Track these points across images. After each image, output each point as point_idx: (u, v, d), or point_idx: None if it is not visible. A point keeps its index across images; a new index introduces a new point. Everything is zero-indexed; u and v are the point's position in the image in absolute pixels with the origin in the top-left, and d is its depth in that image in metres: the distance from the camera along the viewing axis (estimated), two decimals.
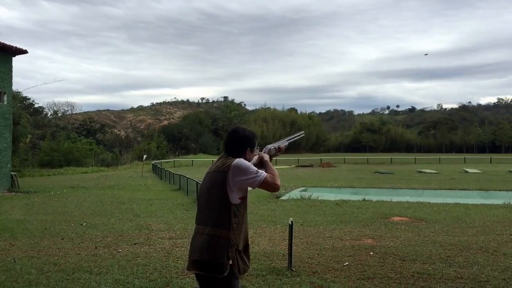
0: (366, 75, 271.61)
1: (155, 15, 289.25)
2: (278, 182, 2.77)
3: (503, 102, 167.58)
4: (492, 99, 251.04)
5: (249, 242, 2.88)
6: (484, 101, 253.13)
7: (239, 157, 2.76)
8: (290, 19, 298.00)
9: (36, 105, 61.64)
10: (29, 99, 55.26)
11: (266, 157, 2.97)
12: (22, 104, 49.39)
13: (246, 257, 2.77)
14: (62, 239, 7.98)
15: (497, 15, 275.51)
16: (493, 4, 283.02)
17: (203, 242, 2.68)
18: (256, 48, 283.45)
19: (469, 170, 31.94)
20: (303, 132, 3.76)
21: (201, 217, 2.77)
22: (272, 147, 3.16)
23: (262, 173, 2.70)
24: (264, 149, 3.12)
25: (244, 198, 2.73)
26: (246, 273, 2.90)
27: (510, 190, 17.43)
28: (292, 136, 3.45)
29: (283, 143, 3.26)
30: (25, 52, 18.89)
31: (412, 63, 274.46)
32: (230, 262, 2.60)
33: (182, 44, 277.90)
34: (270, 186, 2.71)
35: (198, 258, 2.67)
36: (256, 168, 2.71)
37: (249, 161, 2.81)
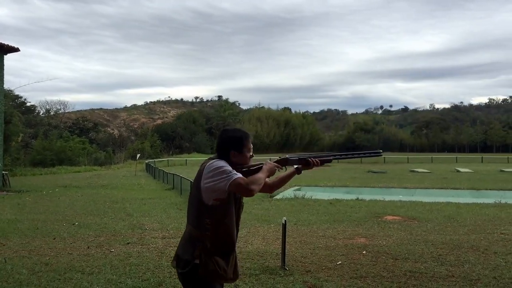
0: (359, 75, 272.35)
1: (147, 13, 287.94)
2: (253, 187, 2.51)
3: (494, 102, 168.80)
4: (484, 99, 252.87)
5: (243, 242, 2.84)
6: (475, 101, 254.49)
7: (224, 159, 2.67)
8: (283, 19, 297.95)
9: (28, 104, 61.14)
10: (21, 97, 54.71)
11: (267, 166, 2.74)
12: (14, 102, 48.95)
13: (225, 262, 2.65)
14: (54, 238, 7.94)
15: (487, 16, 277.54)
16: (482, 5, 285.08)
17: (182, 238, 2.76)
18: (250, 47, 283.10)
19: (461, 170, 32.15)
20: (380, 151, 3.16)
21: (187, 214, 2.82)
22: (295, 158, 2.88)
23: (235, 174, 2.50)
24: (280, 157, 2.90)
25: (222, 200, 2.58)
26: (231, 281, 2.75)
27: (501, 189, 17.56)
28: (359, 153, 3.08)
29: (325, 156, 2.93)
30: (17, 50, 18.75)
31: (404, 63, 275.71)
32: (197, 261, 2.56)
33: (175, 43, 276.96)
34: (240, 188, 2.49)
35: (176, 252, 2.75)
36: (231, 170, 2.53)
37: (238, 162, 2.70)
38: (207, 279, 2.60)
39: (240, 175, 2.53)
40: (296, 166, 2.89)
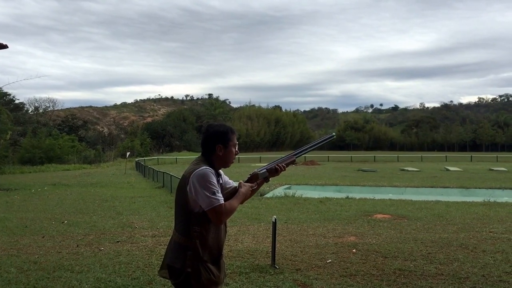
0: (348, 74, 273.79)
1: (135, 11, 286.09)
2: (225, 218, 2.54)
3: (484, 101, 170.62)
4: (473, 99, 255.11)
5: (233, 240, 2.83)
6: (464, 100, 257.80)
7: (212, 154, 2.65)
8: (272, 17, 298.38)
9: (16, 101, 60.65)
10: (9, 95, 54.15)
11: (244, 190, 2.70)
12: (3, 100, 48.46)
13: (216, 268, 2.63)
14: (43, 237, 7.88)
15: (474, 16, 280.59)
16: (470, 5, 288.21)
17: (169, 245, 2.69)
18: (239, 45, 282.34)
19: (450, 168, 32.39)
20: (333, 134, 3.19)
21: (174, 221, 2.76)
22: (263, 170, 2.82)
23: (218, 200, 2.48)
24: (250, 174, 2.84)
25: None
26: (221, 285, 2.71)
27: (490, 188, 17.72)
28: (314, 143, 3.05)
29: (287, 159, 2.89)
30: (5, 47, 18.51)
31: (393, 62, 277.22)
32: (189, 270, 2.52)
33: (164, 41, 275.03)
34: (214, 216, 2.49)
35: (164, 261, 2.69)
36: (216, 189, 2.50)
37: (224, 158, 2.67)
38: (198, 286, 2.56)
39: (222, 201, 2.50)
40: (265, 176, 2.85)
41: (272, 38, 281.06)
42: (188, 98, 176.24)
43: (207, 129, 2.74)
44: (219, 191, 2.53)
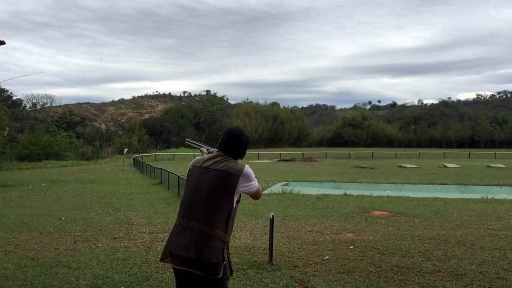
0: (345, 70, 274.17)
1: (131, 7, 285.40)
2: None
3: (482, 98, 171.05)
4: (471, 95, 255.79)
5: (231, 237, 2.96)
6: (461, 97, 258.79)
7: (240, 157, 2.88)
8: (267, 13, 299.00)
9: (14, 98, 60.53)
10: (7, 91, 54.07)
11: None
12: (0, 96, 48.38)
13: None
14: (40, 233, 7.86)
15: (470, 12, 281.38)
16: (465, 1, 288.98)
17: (196, 239, 2.59)
18: (235, 42, 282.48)
19: (448, 165, 32.44)
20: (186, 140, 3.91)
21: (192, 212, 2.67)
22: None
23: (256, 182, 2.83)
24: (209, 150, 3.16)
25: (239, 202, 2.80)
26: None
27: (488, 185, 17.76)
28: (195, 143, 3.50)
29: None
30: (2, 43, 18.40)
31: (390, 59, 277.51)
32: (225, 263, 2.65)
33: (160, 37, 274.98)
34: (258, 196, 2.88)
35: (191, 256, 2.58)
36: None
37: None
38: (228, 277, 2.72)
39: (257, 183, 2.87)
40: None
41: (267, 34, 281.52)
42: (186, 94, 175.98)
43: (246, 136, 2.93)
44: None
